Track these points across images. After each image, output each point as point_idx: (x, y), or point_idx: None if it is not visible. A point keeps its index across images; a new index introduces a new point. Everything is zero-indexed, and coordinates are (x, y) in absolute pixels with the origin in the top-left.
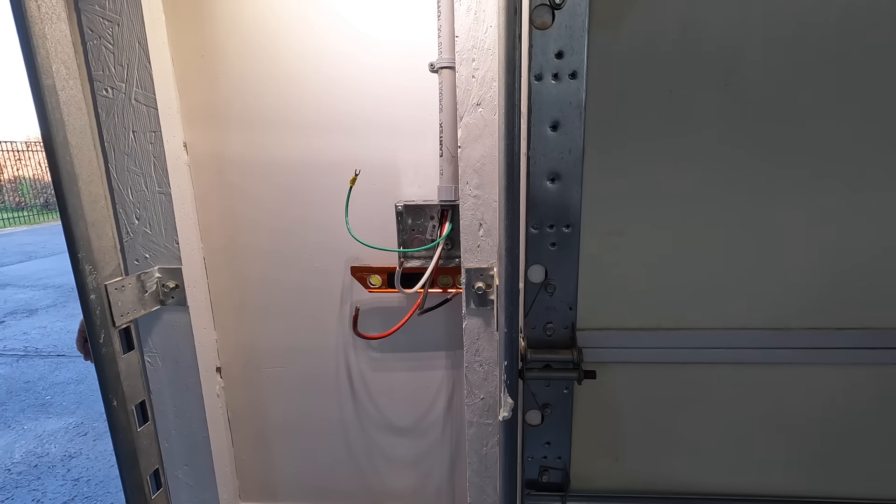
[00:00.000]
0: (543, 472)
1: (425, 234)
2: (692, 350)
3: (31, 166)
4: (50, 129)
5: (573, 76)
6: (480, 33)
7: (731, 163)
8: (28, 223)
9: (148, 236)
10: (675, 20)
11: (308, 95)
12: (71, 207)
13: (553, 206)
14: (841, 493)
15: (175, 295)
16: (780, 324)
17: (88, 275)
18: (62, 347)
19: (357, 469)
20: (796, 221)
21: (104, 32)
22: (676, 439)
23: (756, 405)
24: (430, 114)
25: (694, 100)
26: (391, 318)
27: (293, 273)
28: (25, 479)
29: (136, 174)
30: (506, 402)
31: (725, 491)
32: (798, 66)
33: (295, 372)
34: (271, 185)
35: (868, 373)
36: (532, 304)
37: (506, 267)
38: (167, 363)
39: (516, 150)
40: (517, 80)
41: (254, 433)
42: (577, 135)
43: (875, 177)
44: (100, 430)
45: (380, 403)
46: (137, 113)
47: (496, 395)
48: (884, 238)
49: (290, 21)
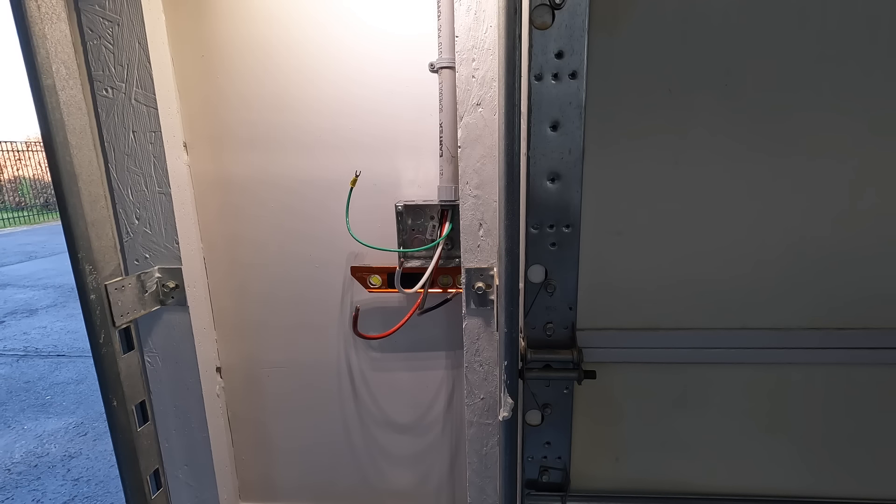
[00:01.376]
0: (543, 472)
1: (425, 234)
2: (692, 350)
3: (31, 166)
4: (50, 129)
5: (573, 76)
6: (480, 33)
7: (731, 159)
8: (28, 223)
9: (148, 236)
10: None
11: (308, 94)
12: (71, 207)
13: (553, 206)
14: (841, 493)
15: (175, 295)
16: (781, 324)
17: (88, 275)
18: (62, 347)
19: (357, 469)
20: (797, 221)
21: (104, 32)
22: (676, 439)
23: (756, 405)
24: (430, 114)
25: (693, 100)
26: (391, 318)
27: (293, 273)
28: (25, 479)
29: (136, 174)
30: (506, 402)
31: (725, 491)
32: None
33: (295, 372)
34: (271, 186)
35: (868, 373)
36: (532, 304)
37: (506, 267)
38: (167, 363)
39: (516, 150)
40: (517, 80)
41: (254, 433)
42: (577, 135)
43: (875, 176)
44: (100, 430)
45: (380, 403)
46: (137, 113)
47: (496, 395)
48: (884, 239)
49: (290, 20)
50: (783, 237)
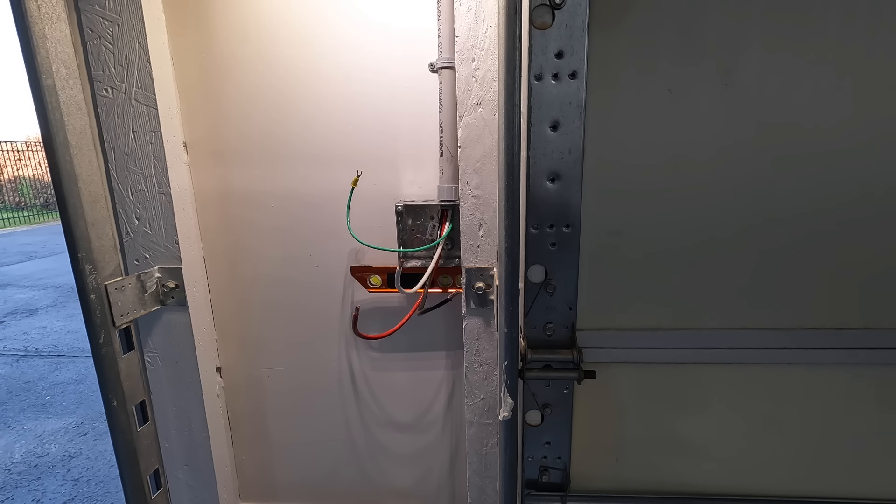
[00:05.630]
0: (543, 472)
1: (425, 234)
2: (692, 350)
3: (31, 166)
4: (50, 129)
5: (573, 76)
6: (480, 33)
7: (729, 162)
8: (28, 223)
9: (148, 236)
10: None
11: (309, 94)
12: (71, 207)
13: (553, 206)
14: (841, 493)
15: (175, 295)
16: (780, 324)
17: (88, 275)
18: (62, 347)
19: (357, 469)
20: (797, 220)
21: (104, 32)
22: (676, 439)
23: (756, 405)
24: (430, 113)
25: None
26: (391, 318)
27: (293, 273)
28: (25, 479)
29: (136, 174)
30: (506, 402)
31: (725, 491)
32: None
33: (295, 372)
34: (272, 185)
35: (868, 373)
36: (532, 304)
37: (506, 267)
38: (167, 363)
39: (516, 150)
40: (517, 80)
41: (254, 433)
42: (577, 135)
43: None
44: (100, 430)
45: (380, 403)
46: (137, 113)
47: (496, 395)
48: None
49: (290, 20)
50: (783, 236)
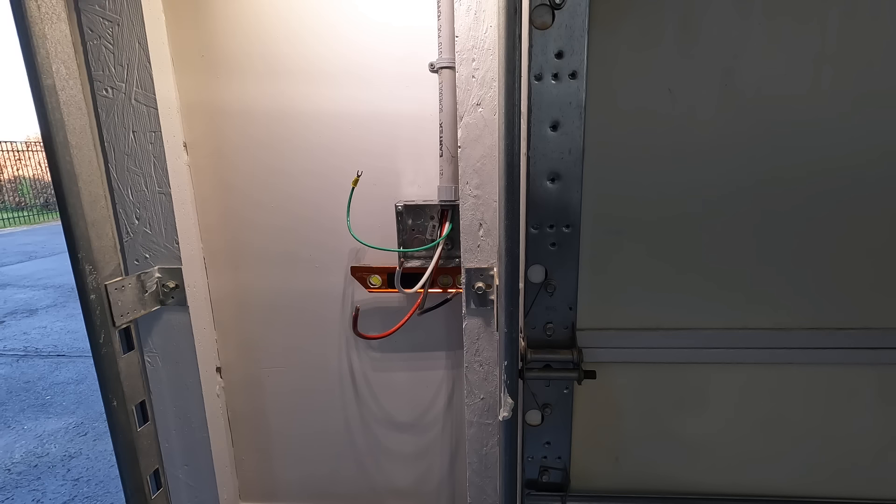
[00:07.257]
0: (543, 472)
1: (425, 234)
2: (692, 350)
3: (31, 166)
4: (50, 129)
5: (573, 76)
6: (480, 33)
7: (728, 165)
8: (28, 223)
9: (148, 236)
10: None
11: (309, 93)
12: (71, 207)
13: (553, 206)
14: (841, 493)
15: (175, 295)
16: (780, 324)
17: (88, 275)
18: (62, 347)
19: (357, 469)
20: (797, 220)
21: (104, 32)
22: (676, 439)
23: (756, 405)
24: (430, 113)
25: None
26: (391, 318)
27: (293, 273)
28: (25, 479)
29: (136, 174)
30: (506, 402)
31: (725, 491)
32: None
33: (295, 372)
34: (272, 185)
35: (868, 373)
36: (532, 304)
37: (506, 267)
38: (167, 363)
39: (516, 150)
40: (517, 80)
41: (254, 433)
42: (577, 135)
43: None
44: (100, 430)
45: (380, 403)
46: (137, 113)
47: (496, 395)
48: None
49: (290, 20)
50: (782, 235)
